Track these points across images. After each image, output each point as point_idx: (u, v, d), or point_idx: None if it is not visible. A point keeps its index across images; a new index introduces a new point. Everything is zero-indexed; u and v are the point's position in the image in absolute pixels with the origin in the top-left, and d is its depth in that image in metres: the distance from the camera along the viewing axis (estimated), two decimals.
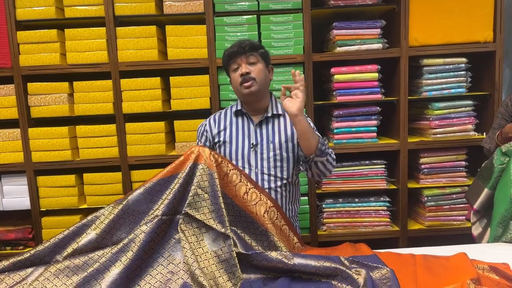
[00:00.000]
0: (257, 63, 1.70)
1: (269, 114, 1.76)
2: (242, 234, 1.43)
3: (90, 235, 1.35)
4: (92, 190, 2.35)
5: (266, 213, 1.49)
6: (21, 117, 2.28)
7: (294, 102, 1.54)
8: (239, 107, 1.79)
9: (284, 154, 1.73)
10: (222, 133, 1.78)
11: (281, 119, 1.78)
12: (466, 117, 2.34)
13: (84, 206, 2.38)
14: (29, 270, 1.32)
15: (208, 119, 1.85)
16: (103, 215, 1.39)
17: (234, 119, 1.79)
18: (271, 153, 1.72)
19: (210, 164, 1.44)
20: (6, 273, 1.32)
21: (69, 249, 1.34)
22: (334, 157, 1.71)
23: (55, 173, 2.34)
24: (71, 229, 1.37)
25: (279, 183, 1.73)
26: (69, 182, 2.32)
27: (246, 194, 1.48)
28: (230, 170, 1.49)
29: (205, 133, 1.83)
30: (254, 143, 1.73)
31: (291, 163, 1.75)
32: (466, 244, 1.62)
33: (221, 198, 1.40)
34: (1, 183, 2.35)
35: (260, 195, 1.51)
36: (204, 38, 2.25)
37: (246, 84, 1.67)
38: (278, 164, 1.73)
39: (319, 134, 1.69)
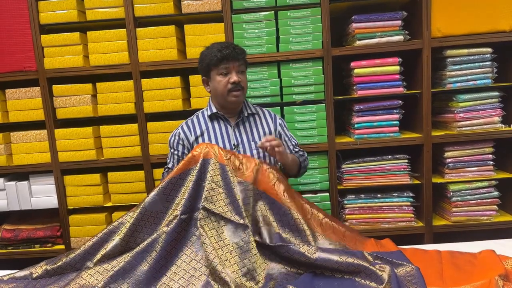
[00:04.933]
0: (244, 72, 1.72)
1: (245, 114, 1.79)
2: (274, 222, 1.45)
3: (115, 240, 1.41)
4: (116, 188, 2.40)
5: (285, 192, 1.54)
6: (47, 118, 2.35)
7: (276, 153, 1.63)
8: (214, 110, 1.78)
9: None
10: (200, 139, 1.77)
11: (256, 117, 1.82)
12: (492, 109, 2.26)
13: (109, 204, 2.44)
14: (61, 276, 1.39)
15: (179, 128, 1.83)
16: (126, 220, 1.44)
17: (209, 123, 1.79)
18: (254, 151, 1.75)
19: (220, 158, 1.49)
20: (39, 279, 1.38)
21: (99, 255, 1.40)
22: (307, 155, 1.92)
23: (81, 173, 2.40)
24: (99, 236, 1.43)
25: None
26: (94, 181, 2.38)
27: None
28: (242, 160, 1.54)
29: (181, 142, 1.80)
30: (236, 144, 1.75)
31: (272, 159, 1.76)
32: (494, 240, 1.58)
33: (235, 190, 1.43)
34: (29, 183, 2.43)
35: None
36: (223, 36, 2.26)
37: (235, 93, 1.68)
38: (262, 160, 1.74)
39: (300, 148, 1.89)
